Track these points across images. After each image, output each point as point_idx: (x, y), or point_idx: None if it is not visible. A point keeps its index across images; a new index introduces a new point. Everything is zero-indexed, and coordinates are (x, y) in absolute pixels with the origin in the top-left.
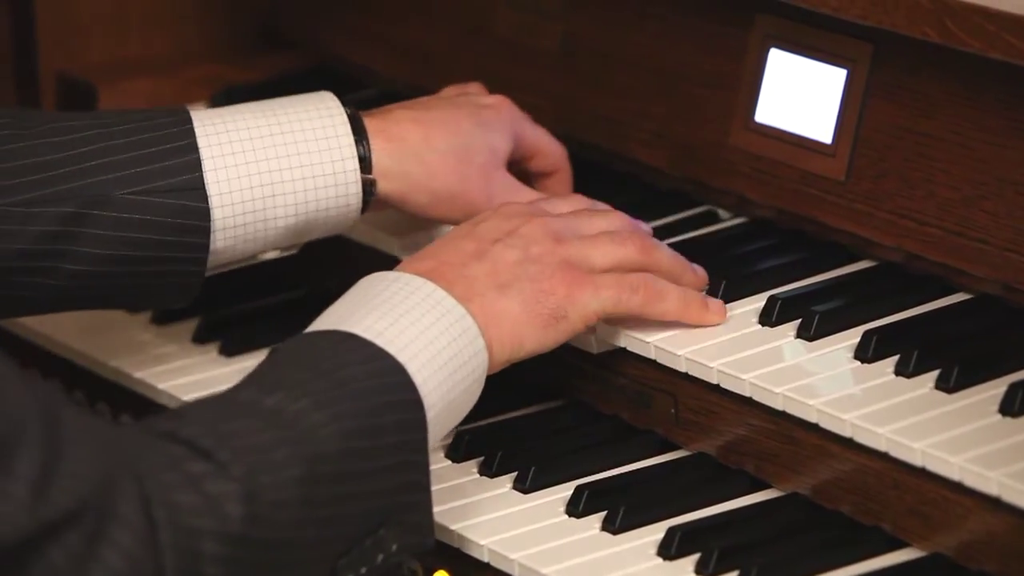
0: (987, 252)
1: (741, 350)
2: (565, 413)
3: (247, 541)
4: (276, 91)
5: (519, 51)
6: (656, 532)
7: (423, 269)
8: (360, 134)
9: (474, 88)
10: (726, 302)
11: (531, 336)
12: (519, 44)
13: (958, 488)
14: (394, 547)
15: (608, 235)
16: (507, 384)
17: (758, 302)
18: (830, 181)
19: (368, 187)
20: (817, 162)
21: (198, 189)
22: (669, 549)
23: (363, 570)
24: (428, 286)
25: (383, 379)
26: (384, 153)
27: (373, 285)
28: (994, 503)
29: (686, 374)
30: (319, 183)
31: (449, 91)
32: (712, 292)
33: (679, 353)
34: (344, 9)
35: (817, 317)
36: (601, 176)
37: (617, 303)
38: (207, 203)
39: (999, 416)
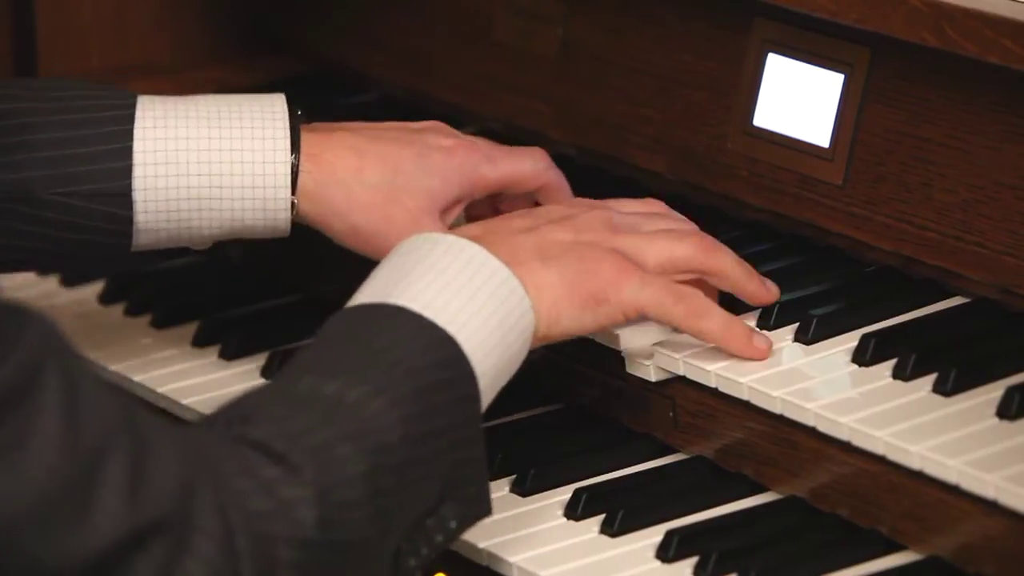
0: (984, 256)
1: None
2: (564, 416)
3: (321, 545)
4: None
5: (518, 56)
6: (655, 535)
7: (468, 234)
8: (296, 150)
9: (439, 128)
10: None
11: (569, 314)
12: (518, 49)
13: (955, 491)
14: (453, 524)
15: (667, 232)
16: (506, 387)
17: (757, 307)
18: (828, 185)
19: (292, 205)
20: (815, 166)
21: (125, 196)
22: (668, 552)
23: (424, 551)
24: (472, 248)
25: (435, 354)
26: (310, 176)
27: (417, 248)
28: (991, 506)
29: (684, 377)
30: (247, 205)
31: (413, 125)
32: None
33: (677, 357)
34: (343, 13)
35: (815, 321)
36: (600, 180)
37: (660, 305)
38: (131, 210)
39: (996, 419)
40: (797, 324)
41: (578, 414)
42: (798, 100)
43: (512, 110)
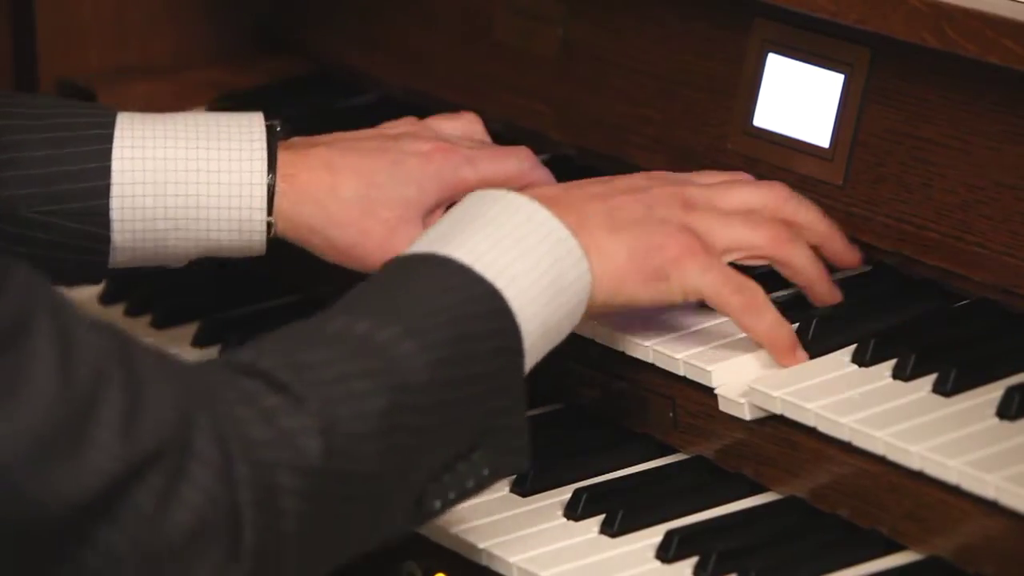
0: (985, 256)
1: (739, 354)
2: (564, 416)
3: (327, 473)
4: (275, 96)
5: (518, 56)
6: (655, 535)
7: (540, 195)
8: (272, 170)
9: (418, 131)
10: None
11: (629, 285)
12: (518, 49)
13: (956, 491)
14: (486, 471)
15: (743, 216)
16: None
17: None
18: (828, 185)
19: (267, 227)
20: (815, 166)
21: (102, 215)
22: (668, 552)
23: (452, 495)
24: (532, 205)
25: (478, 306)
26: (285, 197)
27: (477, 204)
28: (991, 506)
29: (684, 378)
30: (223, 225)
31: (391, 131)
32: None
33: (677, 357)
34: (344, 14)
35: (815, 321)
36: None
37: (717, 293)
38: (108, 229)
39: (996, 420)
40: (797, 324)
41: (578, 414)
42: (798, 100)
43: (512, 110)
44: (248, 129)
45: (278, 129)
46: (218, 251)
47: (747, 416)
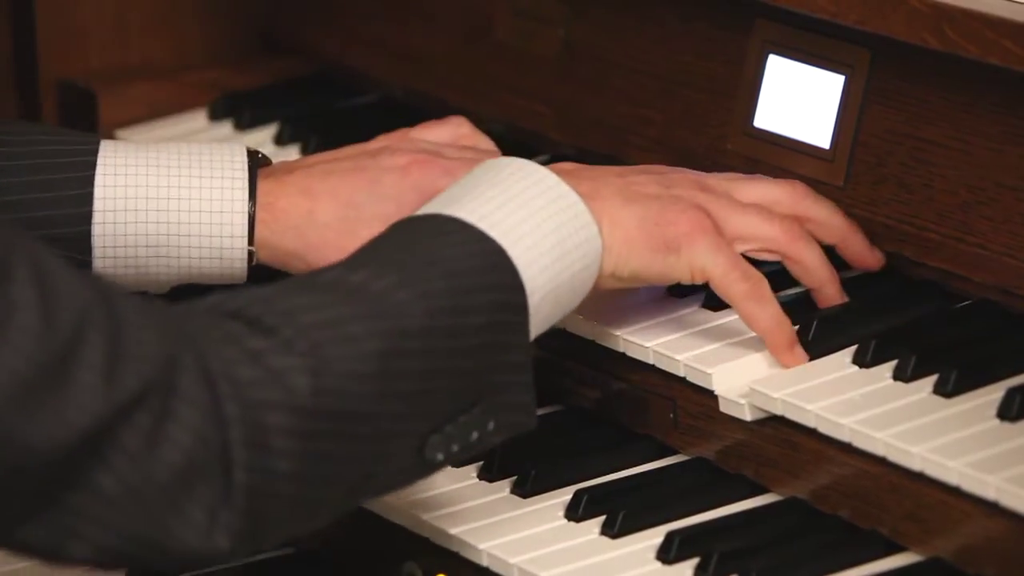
0: (985, 257)
1: (739, 356)
2: (564, 418)
3: (318, 413)
4: (276, 97)
5: (519, 57)
6: (655, 536)
7: (555, 168)
8: (252, 199)
9: (396, 145)
10: (720, 308)
11: (639, 255)
12: (519, 50)
13: (956, 492)
14: (491, 425)
15: (759, 208)
16: None
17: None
18: (828, 186)
19: (248, 255)
20: (815, 167)
21: (84, 241)
22: (668, 553)
23: (455, 448)
24: (541, 171)
25: (480, 260)
26: (265, 226)
27: (489, 170)
28: (992, 507)
29: (685, 379)
30: (204, 253)
31: (371, 147)
32: (708, 299)
33: (678, 358)
34: (344, 14)
35: (815, 323)
36: None
37: (724, 275)
38: (90, 255)
39: (997, 421)
40: (798, 326)
41: (579, 415)
42: (799, 101)
43: (513, 111)
44: (230, 159)
45: (260, 157)
46: (199, 278)
47: (748, 417)
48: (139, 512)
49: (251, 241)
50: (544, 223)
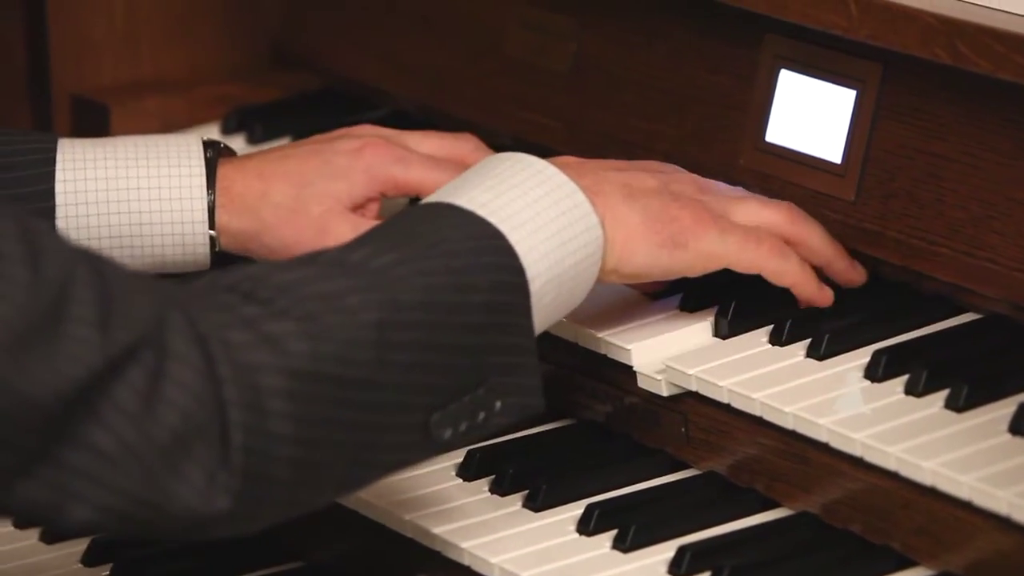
0: (996, 272)
1: (751, 369)
2: (576, 432)
3: (315, 376)
4: (287, 111)
5: (530, 71)
6: (667, 551)
7: (557, 161)
8: (211, 186)
9: (352, 131)
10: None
11: (644, 251)
12: (530, 64)
13: (968, 507)
14: (497, 406)
15: (756, 197)
16: None
17: (768, 322)
18: (840, 201)
19: (210, 240)
20: (827, 182)
21: None
22: (680, 567)
23: (462, 427)
24: (541, 163)
25: (478, 242)
26: (224, 210)
27: (490, 163)
28: (1004, 522)
29: (696, 393)
30: (167, 241)
31: (330, 134)
32: (720, 314)
33: (690, 372)
34: (355, 29)
35: (827, 337)
36: None
37: (741, 250)
38: None
39: (1009, 435)
40: (809, 340)
41: (590, 429)
42: (810, 116)
43: (524, 126)
44: (187, 148)
45: (221, 147)
46: (163, 267)
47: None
48: (138, 472)
49: (211, 226)
50: (544, 211)
